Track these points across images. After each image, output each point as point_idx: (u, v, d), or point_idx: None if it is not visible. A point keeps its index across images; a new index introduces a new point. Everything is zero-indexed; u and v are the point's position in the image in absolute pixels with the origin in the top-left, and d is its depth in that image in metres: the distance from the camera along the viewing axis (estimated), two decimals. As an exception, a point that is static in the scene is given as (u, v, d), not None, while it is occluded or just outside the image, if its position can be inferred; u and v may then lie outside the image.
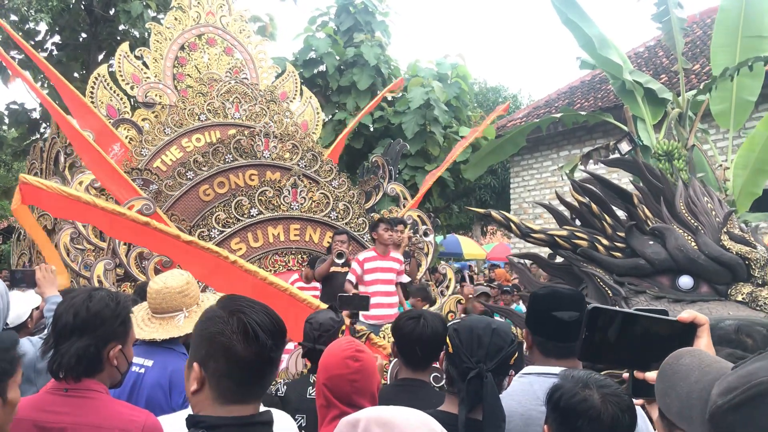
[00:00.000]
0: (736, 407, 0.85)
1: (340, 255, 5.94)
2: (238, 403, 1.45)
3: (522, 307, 6.83)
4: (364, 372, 2.05)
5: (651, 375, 1.22)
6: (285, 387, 2.88)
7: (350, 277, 5.75)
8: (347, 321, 4.05)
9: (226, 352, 1.45)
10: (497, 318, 2.28)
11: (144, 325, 2.72)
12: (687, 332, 1.23)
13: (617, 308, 1.32)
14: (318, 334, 2.97)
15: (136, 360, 2.27)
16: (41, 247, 5.16)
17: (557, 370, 1.97)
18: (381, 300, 5.61)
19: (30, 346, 2.95)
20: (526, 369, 2.15)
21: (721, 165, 8.08)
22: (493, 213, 2.77)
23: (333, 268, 6.05)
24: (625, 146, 7.84)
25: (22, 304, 3.77)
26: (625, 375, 1.33)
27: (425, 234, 6.91)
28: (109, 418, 1.91)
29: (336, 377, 2.04)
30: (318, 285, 6.18)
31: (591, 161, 8.47)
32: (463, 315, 5.68)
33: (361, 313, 5.09)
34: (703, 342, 1.23)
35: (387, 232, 5.75)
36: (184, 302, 2.78)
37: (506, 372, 2.01)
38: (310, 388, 2.79)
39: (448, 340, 2.00)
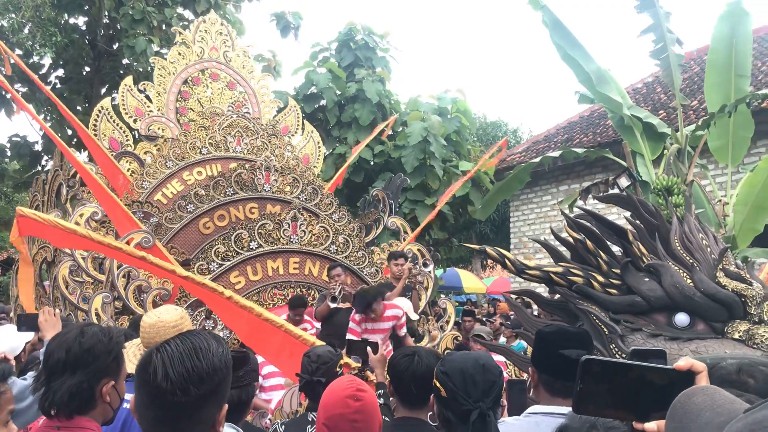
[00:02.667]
0: None
1: (333, 299, 5.90)
2: None
3: (523, 344, 6.77)
4: (366, 412, 2.03)
5: (650, 426, 1.19)
6: (283, 427, 2.83)
7: (351, 338, 5.47)
8: (354, 364, 4.01)
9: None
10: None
11: (136, 360, 2.70)
12: (684, 380, 1.21)
13: (611, 359, 1.30)
14: (316, 366, 2.94)
15: (126, 396, 2.26)
16: (20, 281, 5.19)
17: (565, 409, 1.94)
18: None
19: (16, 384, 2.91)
20: (533, 408, 2.12)
21: (720, 200, 8.09)
22: (488, 249, 2.77)
23: (332, 305, 6.02)
24: (624, 181, 7.86)
25: (16, 338, 3.75)
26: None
27: (425, 264, 6.88)
28: None
29: (336, 417, 2.01)
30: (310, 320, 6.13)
31: (590, 196, 8.50)
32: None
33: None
34: None
35: (369, 315, 5.44)
36: None
37: (499, 403, 2.01)
38: (309, 426, 2.75)
39: (438, 384, 1.97)
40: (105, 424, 2.04)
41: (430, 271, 6.96)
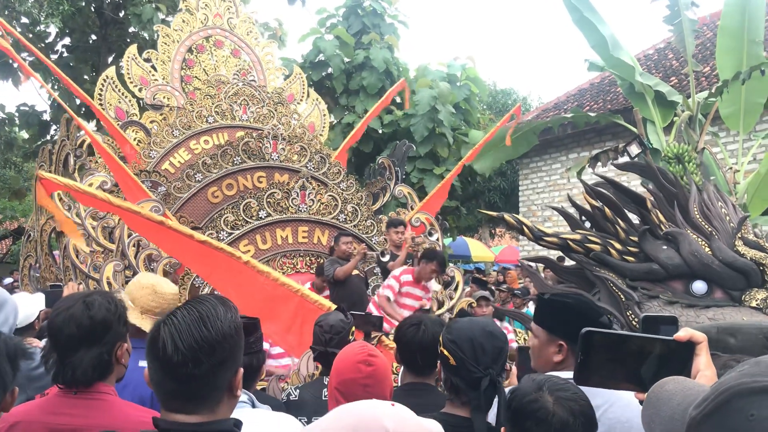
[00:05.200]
0: (708, 416, 0.86)
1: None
2: (179, 411, 1.40)
3: (532, 311, 6.78)
4: (377, 376, 2.04)
5: None
6: (298, 391, 2.86)
7: (388, 293, 5.68)
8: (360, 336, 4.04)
9: (148, 359, 1.43)
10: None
11: (144, 323, 2.73)
12: (685, 351, 1.22)
13: (611, 330, 1.30)
14: (329, 336, 2.96)
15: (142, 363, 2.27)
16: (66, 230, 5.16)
17: None
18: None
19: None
20: (552, 374, 2.12)
21: (731, 168, 8.02)
22: (506, 216, 2.76)
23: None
24: (634, 149, 7.81)
25: (30, 305, 3.78)
26: None
27: (429, 234, 6.88)
28: (121, 420, 1.90)
29: (348, 381, 2.03)
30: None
31: (599, 164, 8.44)
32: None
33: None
34: (702, 360, 1.22)
35: (434, 273, 5.76)
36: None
37: (504, 367, 2.02)
38: (325, 390, 2.78)
39: (447, 353, 1.97)
40: (117, 381, 2.09)
41: (437, 240, 6.95)
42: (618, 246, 2.56)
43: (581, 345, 1.24)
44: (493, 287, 9.89)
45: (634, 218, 2.68)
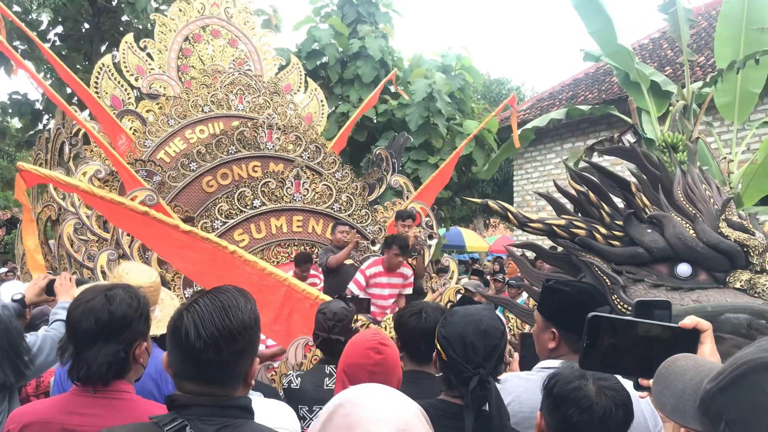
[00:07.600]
0: (723, 389, 0.87)
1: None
2: (196, 393, 1.46)
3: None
4: (385, 365, 2.04)
5: None
6: (299, 379, 2.86)
7: (353, 287, 5.72)
8: (364, 320, 4.07)
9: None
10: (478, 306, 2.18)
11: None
12: (690, 338, 1.22)
13: (618, 316, 1.31)
14: (332, 324, 2.96)
15: None
16: (24, 239, 5.19)
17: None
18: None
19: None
20: (544, 363, 2.12)
21: (725, 158, 8.05)
22: (491, 203, 2.78)
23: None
24: (629, 138, 7.81)
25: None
26: None
27: (430, 237, 6.91)
28: (144, 420, 1.80)
29: (356, 366, 2.04)
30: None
31: (595, 153, 8.46)
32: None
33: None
34: (707, 348, 1.21)
35: (398, 257, 5.75)
36: (155, 299, 2.85)
37: (501, 361, 1.99)
38: (327, 378, 2.79)
39: (439, 348, 1.94)
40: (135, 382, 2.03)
41: (433, 243, 6.98)
42: (603, 230, 2.57)
43: (587, 329, 1.25)
44: (488, 277, 9.95)
45: (621, 203, 2.70)
